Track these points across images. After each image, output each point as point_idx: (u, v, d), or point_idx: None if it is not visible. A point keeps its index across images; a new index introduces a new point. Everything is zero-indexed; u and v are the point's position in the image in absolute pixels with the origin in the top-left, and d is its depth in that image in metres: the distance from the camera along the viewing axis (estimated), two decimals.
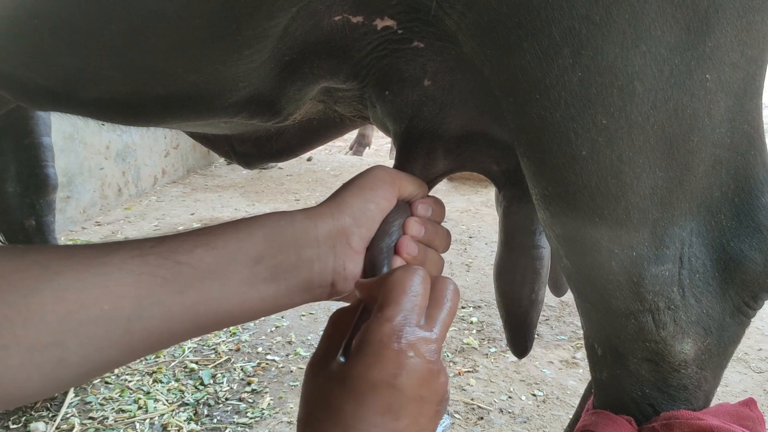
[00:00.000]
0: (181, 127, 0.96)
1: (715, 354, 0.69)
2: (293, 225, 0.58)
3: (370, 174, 0.67)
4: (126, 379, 1.61)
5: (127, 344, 0.48)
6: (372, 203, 0.64)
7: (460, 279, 2.33)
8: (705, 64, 0.55)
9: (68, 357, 0.45)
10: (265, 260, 0.55)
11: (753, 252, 0.65)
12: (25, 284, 0.43)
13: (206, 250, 0.52)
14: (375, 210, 0.64)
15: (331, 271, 0.59)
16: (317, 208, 0.62)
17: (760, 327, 1.95)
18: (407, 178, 0.70)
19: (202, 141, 1.08)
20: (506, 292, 0.87)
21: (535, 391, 1.61)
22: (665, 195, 0.61)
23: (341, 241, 0.60)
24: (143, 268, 0.48)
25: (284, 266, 0.56)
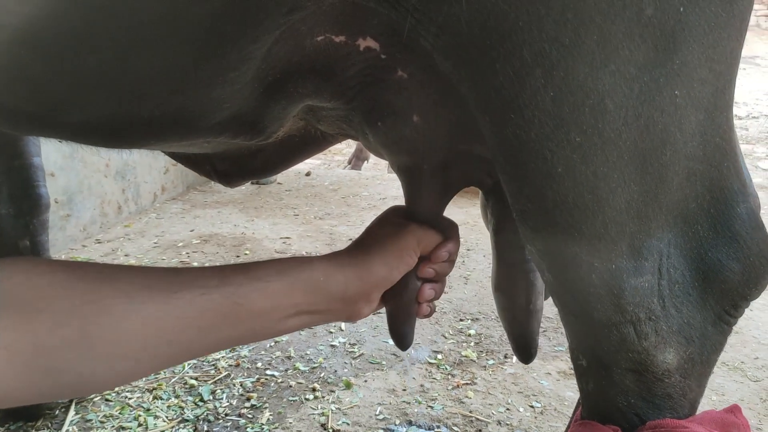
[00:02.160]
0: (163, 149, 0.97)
1: (698, 362, 0.70)
2: (329, 285, 0.70)
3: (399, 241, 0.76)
4: (126, 396, 1.62)
5: (185, 357, 0.62)
6: (396, 271, 0.75)
7: (458, 292, 2.34)
8: (674, 80, 0.57)
9: (141, 367, 0.58)
10: (302, 306, 0.68)
11: (731, 261, 0.66)
12: (116, 311, 0.54)
13: (259, 296, 0.64)
14: (397, 276, 0.75)
15: (348, 315, 0.74)
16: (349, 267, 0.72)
17: (756, 336, 1.95)
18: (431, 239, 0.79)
19: (183, 161, 1.09)
20: (505, 305, 0.89)
21: (533, 403, 1.61)
22: (641, 208, 0.63)
23: (363, 298, 0.73)
24: (208, 305, 0.60)
25: (314, 311, 0.70)
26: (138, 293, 0.56)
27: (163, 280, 0.59)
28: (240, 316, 0.62)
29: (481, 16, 0.55)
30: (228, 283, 0.62)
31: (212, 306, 0.60)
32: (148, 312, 0.56)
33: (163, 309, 0.57)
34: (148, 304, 0.56)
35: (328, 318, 0.73)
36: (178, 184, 3.67)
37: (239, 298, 0.62)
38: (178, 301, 0.58)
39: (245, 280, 0.63)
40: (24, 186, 1.44)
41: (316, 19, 0.66)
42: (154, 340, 0.56)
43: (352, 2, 0.62)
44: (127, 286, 0.56)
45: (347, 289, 0.71)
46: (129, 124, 0.72)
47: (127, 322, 0.54)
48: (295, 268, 0.68)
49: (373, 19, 0.67)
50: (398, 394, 1.65)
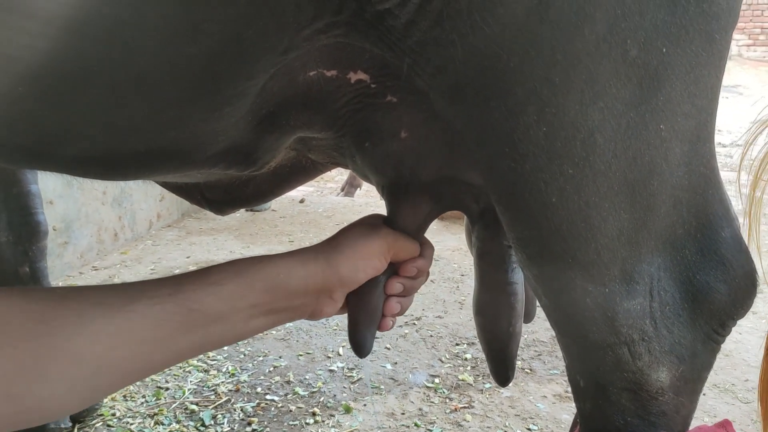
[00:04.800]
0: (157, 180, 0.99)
1: (690, 380, 0.73)
2: (289, 281, 0.68)
3: (368, 242, 0.75)
4: (128, 422, 1.63)
5: (146, 371, 0.60)
6: (362, 272, 0.74)
7: (453, 317, 2.36)
8: (658, 115, 0.61)
9: (101, 384, 0.56)
10: (261, 306, 0.66)
11: (718, 283, 0.70)
12: (66, 329, 0.53)
13: (214, 299, 0.62)
14: (363, 277, 0.74)
15: (310, 312, 0.72)
16: (312, 261, 0.71)
17: (746, 358, 1.99)
18: (403, 246, 0.78)
19: (174, 190, 1.11)
20: (486, 327, 0.91)
21: (530, 426, 1.64)
22: (632, 235, 0.66)
23: (325, 295, 0.72)
24: (163, 314, 0.58)
25: (276, 309, 0.68)
26: (88, 311, 0.54)
27: (115, 295, 0.57)
28: (197, 322, 0.60)
29: (476, 57, 0.59)
30: (181, 290, 0.60)
31: (166, 316, 0.58)
32: (100, 328, 0.54)
33: (114, 324, 0.55)
34: (99, 320, 0.54)
35: (292, 316, 0.70)
36: (174, 212, 3.69)
37: (194, 303, 0.60)
38: (129, 314, 0.56)
39: (199, 285, 0.62)
40: (22, 213, 1.47)
41: (310, 56, 0.69)
42: (109, 356, 0.54)
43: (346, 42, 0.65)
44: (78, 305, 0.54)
45: (308, 285, 0.69)
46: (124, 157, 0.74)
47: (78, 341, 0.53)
48: (253, 267, 0.67)
49: (365, 54, 0.70)
50: (397, 418, 1.67)
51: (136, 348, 0.57)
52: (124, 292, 0.58)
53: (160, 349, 0.59)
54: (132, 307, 0.57)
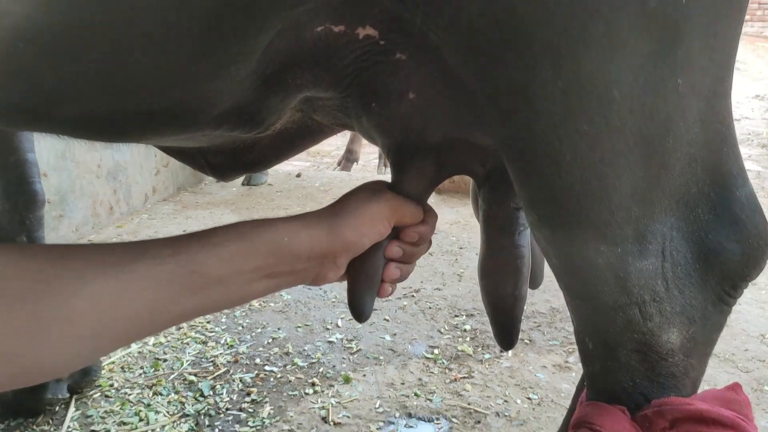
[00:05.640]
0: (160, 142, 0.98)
1: (700, 342, 0.73)
2: (292, 244, 0.67)
3: (372, 207, 0.74)
4: (126, 393, 1.63)
5: (147, 331, 0.59)
6: (366, 238, 0.73)
7: (452, 289, 2.36)
8: (676, 70, 0.59)
9: (102, 344, 0.55)
10: (264, 269, 0.65)
11: (731, 243, 0.69)
12: (67, 290, 0.52)
13: (217, 262, 0.61)
14: (367, 243, 0.73)
15: (313, 277, 0.72)
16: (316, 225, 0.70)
17: (745, 329, 2.00)
18: (407, 210, 0.77)
19: (176, 155, 1.09)
20: (491, 291, 0.90)
21: (530, 395, 1.64)
22: (646, 193, 0.65)
23: (329, 260, 0.71)
24: (163, 275, 0.57)
25: (278, 273, 0.67)
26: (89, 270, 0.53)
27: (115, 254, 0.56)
28: (199, 284, 0.60)
29: (492, 10, 0.57)
30: (183, 251, 0.59)
31: (168, 276, 0.57)
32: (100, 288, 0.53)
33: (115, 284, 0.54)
34: (99, 280, 0.53)
35: (294, 280, 0.70)
36: (169, 186, 3.67)
37: (196, 265, 0.59)
38: (130, 274, 0.55)
39: (201, 246, 0.61)
40: (19, 182, 1.45)
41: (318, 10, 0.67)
42: (110, 317, 0.54)
43: None
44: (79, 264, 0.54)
45: (312, 249, 0.68)
46: (127, 118, 0.73)
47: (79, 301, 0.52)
48: (256, 229, 0.66)
49: (374, 8, 0.69)
50: (397, 388, 1.67)
51: (136, 308, 0.56)
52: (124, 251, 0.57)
53: (161, 310, 0.58)
54: (133, 267, 0.56)
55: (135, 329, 0.57)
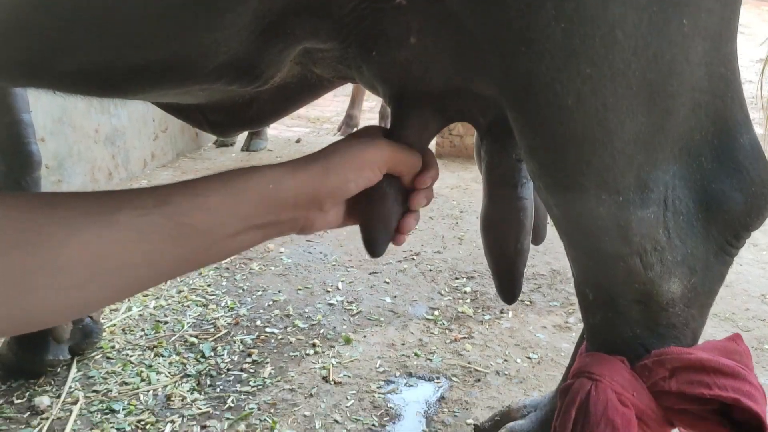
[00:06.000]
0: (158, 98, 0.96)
1: (701, 293, 0.72)
2: (278, 192, 0.66)
3: (361, 152, 0.72)
4: (127, 354, 1.63)
5: (136, 285, 0.59)
6: (353, 183, 0.72)
7: (452, 252, 2.36)
8: (682, 10, 0.58)
9: (89, 295, 0.54)
10: (250, 219, 0.65)
11: (734, 192, 0.68)
12: (54, 238, 0.51)
13: (203, 212, 0.60)
14: (354, 189, 0.72)
15: (300, 225, 0.71)
16: (302, 170, 0.68)
17: (746, 288, 2.00)
18: (403, 158, 0.76)
19: (175, 113, 1.08)
20: (493, 244, 0.89)
21: (530, 354, 1.65)
22: (648, 140, 0.64)
23: (315, 206, 0.70)
24: (149, 227, 0.56)
25: (265, 223, 0.66)
26: (75, 219, 0.53)
27: (101, 203, 0.55)
28: (185, 235, 0.59)
29: None
30: (167, 201, 0.58)
31: (153, 227, 0.56)
32: (87, 238, 0.52)
33: (101, 233, 0.53)
34: (85, 229, 0.53)
35: (282, 230, 0.69)
36: (168, 151, 3.65)
37: (181, 216, 0.58)
38: (115, 224, 0.54)
39: (186, 197, 0.60)
40: (14, 142, 1.44)
41: None
42: (97, 267, 0.53)
43: None
44: (65, 213, 0.53)
45: (298, 195, 0.67)
46: (124, 71, 0.71)
47: (66, 250, 0.51)
48: (241, 177, 0.64)
49: None
50: (397, 348, 1.68)
51: (123, 259, 0.55)
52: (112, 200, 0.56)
53: (147, 262, 0.57)
54: (117, 217, 0.55)
55: (122, 281, 0.56)
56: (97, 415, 1.39)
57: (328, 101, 6.19)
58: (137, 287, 0.59)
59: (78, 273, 0.52)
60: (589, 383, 0.71)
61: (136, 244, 0.55)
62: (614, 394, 0.69)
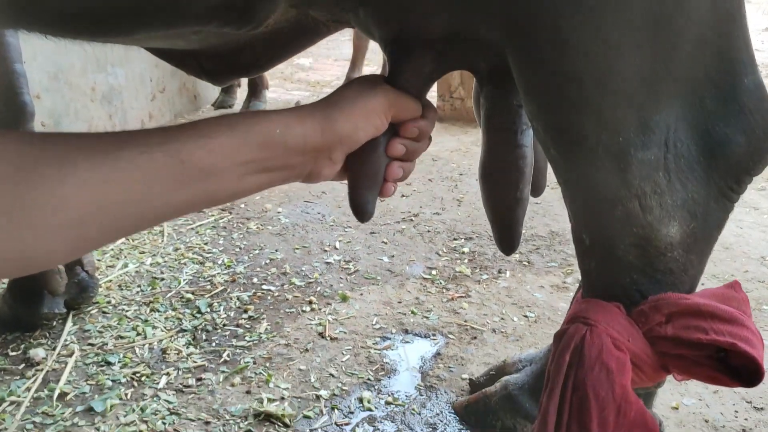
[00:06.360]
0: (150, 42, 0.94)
1: (701, 238, 0.71)
2: (285, 137, 0.64)
3: (368, 99, 0.71)
4: (123, 309, 1.63)
5: (136, 224, 0.58)
6: (362, 131, 0.70)
7: (451, 213, 2.35)
8: None
9: (89, 234, 0.53)
10: (256, 162, 0.63)
11: (737, 135, 0.67)
12: (51, 175, 0.50)
13: (207, 152, 0.59)
14: (363, 137, 0.71)
15: (308, 173, 0.70)
16: (309, 118, 0.67)
17: (746, 251, 1.99)
18: (404, 104, 0.75)
19: (169, 59, 1.06)
20: (493, 194, 0.88)
21: (527, 313, 1.64)
22: (651, 78, 0.62)
23: (324, 154, 0.69)
24: (151, 164, 0.55)
25: (271, 167, 0.65)
26: (72, 156, 0.52)
27: (101, 141, 0.54)
28: (189, 175, 0.58)
29: None
30: (171, 140, 0.57)
31: (156, 165, 0.55)
32: (85, 175, 0.51)
33: (100, 171, 0.52)
34: (84, 166, 0.51)
35: (288, 176, 0.68)
36: (166, 112, 3.62)
37: (185, 155, 0.57)
38: (116, 162, 0.53)
39: (190, 137, 0.59)
40: (7, 93, 1.42)
41: None
42: (96, 205, 0.52)
43: None
44: (61, 150, 0.52)
45: (306, 143, 0.66)
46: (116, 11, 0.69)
47: (63, 188, 0.50)
48: (247, 120, 0.63)
49: None
50: (394, 306, 1.68)
51: (123, 197, 0.54)
52: (109, 138, 0.55)
53: (149, 201, 0.56)
54: (119, 155, 0.53)
55: (123, 220, 0.55)
56: (92, 367, 1.39)
57: (328, 65, 6.13)
58: (136, 226, 0.58)
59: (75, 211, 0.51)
60: (584, 328, 0.70)
61: (137, 183, 0.54)
62: (609, 339, 0.68)
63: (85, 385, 1.33)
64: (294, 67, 5.91)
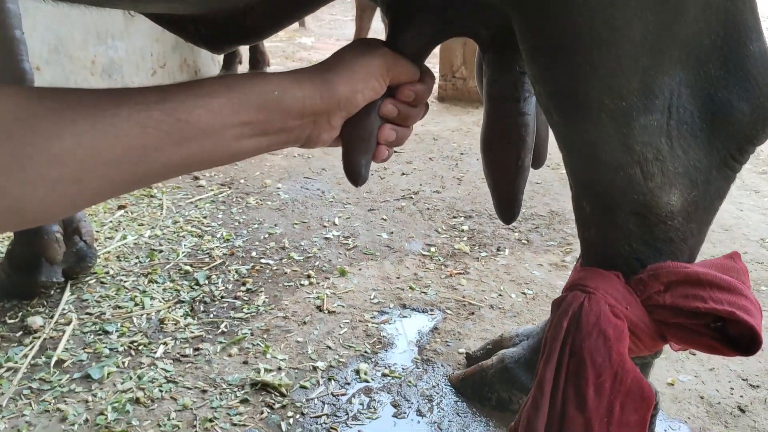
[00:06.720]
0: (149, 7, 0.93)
1: (701, 207, 0.70)
2: (283, 99, 0.63)
3: (367, 62, 0.70)
4: (121, 280, 1.63)
5: (133, 181, 0.57)
6: (360, 94, 0.69)
7: (451, 191, 2.34)
8: None
9: (84, 190, 0.53)
10: (254, 124, 0.62)
11: (740, 102, 0.66)
12: (45, 129, 0.50)
13: (204, 112, 0.58)
14: (361, 100, 0.70)
15: (306, 137, 0.69)
16: (308, 81, 0.66)
17: (746, 233, 1.98)
18: (403, 68, 0.73)
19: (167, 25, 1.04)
20: (494, 162, 0.87)
21: (525, 290, 1.64)
22: (656, 41, 0.62)
23: (323, 118, 0.68)
24: (149, 122, 0.55)
25: (269, 130, 0.64)
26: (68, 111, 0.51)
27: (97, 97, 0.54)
28: (186, 134, 0.57)
29: None
30: (169, 99, 0.57)
31: (153, 123, 0.55)
32: (83, 129, 0.51)
33: (97, 127, 0.52)
34: (81, 121, 0.51)
35: (286, 139, 0.67)
36: None
37: (182, 114, 0.57)
38: (113, 118, 0.53)
39: (188, 96, 0.58)
40: (7, 59, 1.41)
41: None
42: (93, 160, 0.52)
43: None
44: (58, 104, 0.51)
45: (305, 106, 0.65)
46: None
47: (59, 142, 0.50)
48: (246, 82, 0.62)
49: None
50: (392, 282, 1.68)
51: (120, 153, 0.53)
52: (107, 95, 0.55)
53: (146, 159, 0.56)
54: (116, 111, 0.53)
55: (119, 176, 0.55)
56: (89, 335, 1.39)
57: (330, 44, 6.09)
58: (133, 183, 0.58)
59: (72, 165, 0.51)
60: (582, 295, 0.70)
61: (134, 139, 0.54)
62: (607, 306, 0.68)
63: (82, 353, 1.33)
64: (296, 46, 5.87)
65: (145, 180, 0.59)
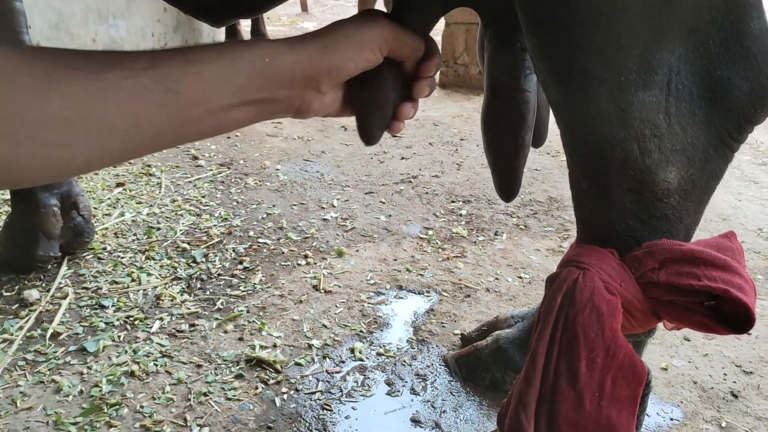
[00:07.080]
0: None
1: (698, 186, 0.70)
2: (274, 66, 0.63)
3: (363, 31, 0.69)
4: (119, 256, 1.63)
5: (123, 150, 0.56)
6: (352, 62, 0.68)
7: (450, 176, 2.34)
8: None
9: (74, 156, 0.52)
10: (244, 93, 0.62)
11: (740, 80, 0.66)
12: (34, 89, 0.49)
13: (194, 80, 0.57)
14: (353, 69, 0.69)
15: (297, 107, 0.68)
16: (299, 47, 0.65)
17: (744, 223, 1.98)
18: (405, 41, 0.73)
19: None
20: (494, 140, 0.87)
21: (522, 275, 1.64)
22: (656, 15, 0.61)
23: (312, 85, 0.67)
24: (138, 89, 0.54)
25: (259, 99, 0.64)
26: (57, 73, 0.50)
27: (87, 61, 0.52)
28: (176, 103, 0.56)
29: None
30: (158, 65, 0.55)
31: (142, 91, 0.54)
32: (70, 93, 0.50)
33: (85, 91, 0.51)
34: (68, 84, 0.50)
35: (277, 109, 0.66)
36: None
37: (172, 82, 0.56)
38: (101, 83, 0.52)
39: (178, 63, 0.57)
40: (6, 32, 1.40)
41: None
42: (83, 124, 0.51)
43: None
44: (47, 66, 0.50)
45: (295, 72, 0.64)
46: None
47: (48, 104, 0.49)
48: (237, 49, 0.61)
49: None
50: (389, 263, 1.68)
51: (109, 119, 0.53)
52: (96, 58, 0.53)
53: (136, 127, 0.55)
54: (104, 76, 0.52)
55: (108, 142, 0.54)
56: (86, 309, 1.40)
57: None
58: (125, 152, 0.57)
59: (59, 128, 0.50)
60: (576, 272, 0.70)
61: (123, 106, 0.53)
62: (601, 282, 0.68)
63: (78, 326, 1.33)
64: (298, 31, 5.85)
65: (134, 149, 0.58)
